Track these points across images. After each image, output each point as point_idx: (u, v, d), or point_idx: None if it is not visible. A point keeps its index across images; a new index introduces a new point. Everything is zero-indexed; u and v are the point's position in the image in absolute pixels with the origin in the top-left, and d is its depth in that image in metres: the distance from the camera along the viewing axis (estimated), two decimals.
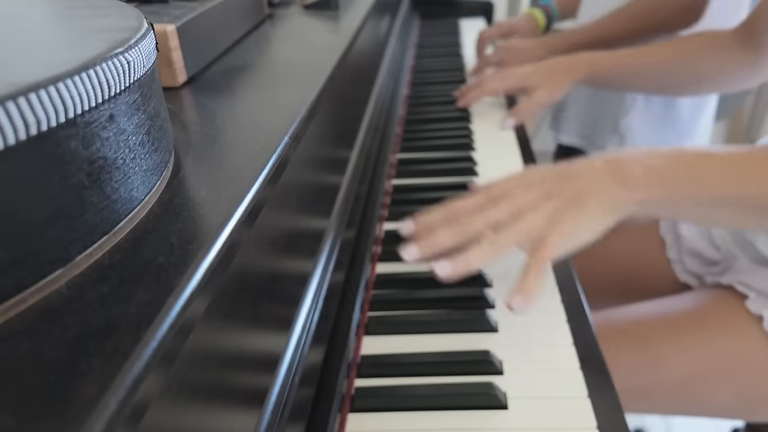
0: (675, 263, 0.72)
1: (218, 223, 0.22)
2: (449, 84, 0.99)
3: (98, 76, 0.18)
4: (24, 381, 0.14)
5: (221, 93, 0.36)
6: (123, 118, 0.20)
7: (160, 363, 0.16)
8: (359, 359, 0.43)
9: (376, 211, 0.57)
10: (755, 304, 0.57)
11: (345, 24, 0.55)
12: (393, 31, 0.96)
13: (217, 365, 0.22)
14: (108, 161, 0.19)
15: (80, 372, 0.15)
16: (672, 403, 0.59)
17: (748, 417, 0.63)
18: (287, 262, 0.33)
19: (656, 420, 1.24)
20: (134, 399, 0.15)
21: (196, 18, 0.39)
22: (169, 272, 0.19)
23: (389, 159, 0.70)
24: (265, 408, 0.27)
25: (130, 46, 0.20)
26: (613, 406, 0.39)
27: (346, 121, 0.53)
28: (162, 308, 0.17)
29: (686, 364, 0.57)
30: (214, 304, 0.21)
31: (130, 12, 0.25)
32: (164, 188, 0.24)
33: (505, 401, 0.39)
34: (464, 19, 1.41)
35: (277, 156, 0.28)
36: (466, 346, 0.44)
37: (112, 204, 0.20)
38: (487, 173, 0.69)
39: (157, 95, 0.24)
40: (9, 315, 0.16)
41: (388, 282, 0.51)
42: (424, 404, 0.39)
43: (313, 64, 0.42)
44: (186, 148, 0.28)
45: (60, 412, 0.14)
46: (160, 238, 0.20)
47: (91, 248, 0.19)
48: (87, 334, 0.16)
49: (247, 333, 0.26)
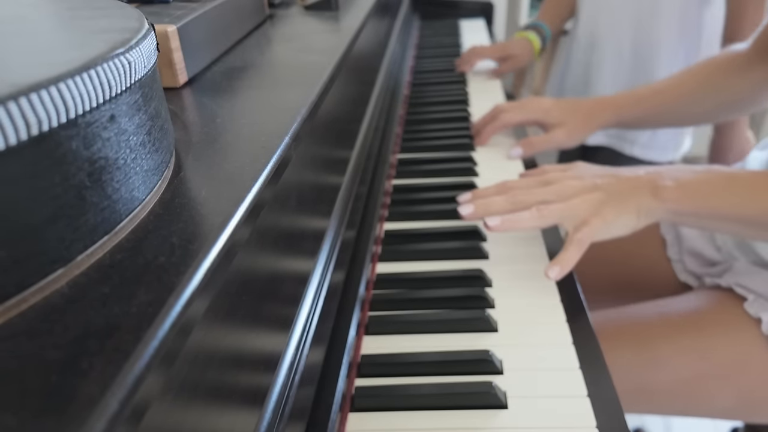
0: (675, 262, 0.72)
1: (219, 223, 0.22)
2: (449, 84, 0.99)
3: (99, 77, 0.18)
4: (25, 380, 0.14)
5: (222, 93, 0.36)
6: (124, 119, 0.20)
7: (161, 363, 0.16)
8: (359, 359, 0.43)
9: (376, 211, 0.57)
10: (754, 307, 0.57)
11: (345, 25, 0.55)
12: (393, 31, 0.96)
13: (217, 365, 0.22)
14: (109, 161, 0.19)
15: (81, 371, 0.15)
16: (671, 404, 0.59)
17: (746, 418, 0.63)
18: (288, 262, 0.33)
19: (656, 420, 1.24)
20: (135, 399, 0.15)
21: (196, 18, 0.39)
22: (170, 272, 0.19)
23: (389, 159, 0.70)
24: (266, 407, 0.27)
25: (131, 47, 0.20)
26: (613, 406, 0.39)
27: (347, 122, 0.53)
28: (163, 308, 0.17)
29: (685, 365, 0.57)
30: (215, 304, 0.21)
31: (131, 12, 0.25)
32: (165, 188, 0.24)
33: (505, 401, 0.39)
34: (464, 20, 1.41)
35: (278, 156, 0.28)
36: (466, 345, 0.44)
37: (113, 204, 0.20)
38: (487, 173, 0.69)
39: (158, 95, 0.24)
40: (10, 314, 0.17)
41: (388, 282, 0.51)
42: (425, 404, 0.40)
43: (313, 64, 0.43)
44: (187, 148, 0.28)
45: (61, 411, 0.14)
46: (161, 238, 0.20)
47: (92, 248, 0.19)
48: (88, 334, 0.16)
49: (248, 333, 0.26)
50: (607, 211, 0.50)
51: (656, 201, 0.50)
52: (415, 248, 0.56)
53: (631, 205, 0.50)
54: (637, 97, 0.74)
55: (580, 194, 0.51)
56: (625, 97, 0.74)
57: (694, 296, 0.64)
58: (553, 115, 0.73)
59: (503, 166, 0.71)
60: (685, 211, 0.51)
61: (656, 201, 0.50)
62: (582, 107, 0.74)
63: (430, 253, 0.55)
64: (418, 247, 0.56)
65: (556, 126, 0.73)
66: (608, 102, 0.74)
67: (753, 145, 1.00)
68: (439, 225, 0.59)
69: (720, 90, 0.70)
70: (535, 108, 0.75)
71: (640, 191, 0.51)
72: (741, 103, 0.71)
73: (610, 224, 0.50)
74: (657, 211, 0.51)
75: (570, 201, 0.51)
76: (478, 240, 0.57)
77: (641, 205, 0.50)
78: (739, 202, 0.50)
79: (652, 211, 0.51)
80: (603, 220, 0.50)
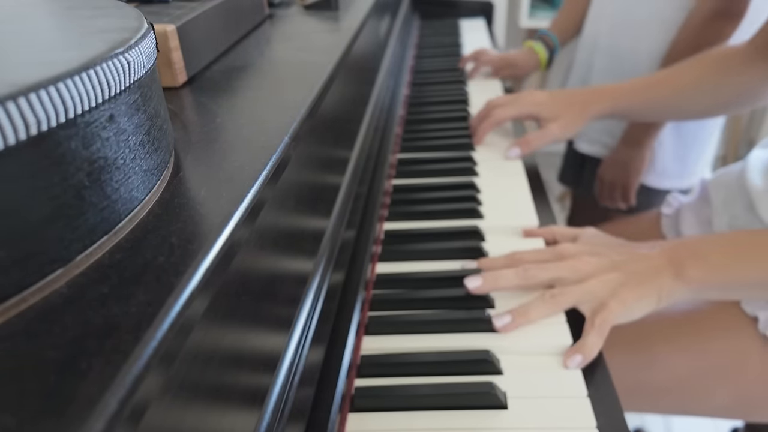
0: None
1: (218, 223, 0.22)
2: (449, 84, 0.99)
3: (98, 77, 0.18)
4: (24, 381, 0.14)
5: (221, 93, 0.36)
6: (123, 118, 0.20)
7: (160, 363, 0.16)
8: (359, 359, 0.43)
9: (376, 211, 0.57)
10: (750, 306, 0.57)
11: (345, 24, 0.55)
12: (393, 31, 0.95)
13: (217, 365, 0.22)
14: (108, 161, 0.19)
15: (80, 372, 0.15)
16: (668, 402, 0.59)
17: (744, 417, 0.63)
18: (287, 262, 0.33)
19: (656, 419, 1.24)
20: (134, 399, 0.15)
21: (196, 18, 0.39)
22: (169, 272, 0.19)
23: (389, 159, 0.70)
24: (266, 408, 0.27)
25: (131, 47, 0.20)
26: (613, 406, 0.39)
27: (346, 121, 0.53)
28: (162, 308, 0.17)
29: (682, 364, 0.57)
30: (214, 304, 0.21)
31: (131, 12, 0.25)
32: (164, 188, 0.24)
33: (505, 401, 0.39)
34: (464, 20, 1.41)
35: (278, 156, 0.28)
36: (466, 345, 0.44)
37: (113, 204, 0.20)
38: (487, 174, 0.69)
39: (158, 95, 0.24)
40: (9, 315, 0.16)
41: (388, 282, 0.51)
42: (425, 404, 0.39)
43: (313, 64, 0.42)
44: (186, 148, 0.28)
45: (60, 411, 0.14)
46: (161, 238, 0.20)
47: (92, 248, 0.19)
48: (87, 334, 0.16)
49: (248, 333, 0.26)
50: (626, 294, 0.46)
51: (680, 283, 0.47)
52: (414, 248, 0.56)
53: (653, 289, 0.47)
54: (633, 87, 0.73)
55: (597, 275, 0.47)
56: (621, 88, 0.73)
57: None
58: (548, 109, 0.72)
59: (503, 166, 0.71)
60: (711, 287, 0.48)
61: (680, 283, 0.47)
62: (576, 98, 0.73)
63: (430, 253, 0.55)
64: (417, 247, 0.56)
65: (550, 120, 0.72)
66: (604, 91, 0.73)
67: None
68: (439, 225, 0.59)
69: (718, 86, 0.70)
70: (529, 102, 0.73)
71: (660, 274, 0.47)
72: (739, 99, 0.71)
73: (629, 308, 0.46)
74: (680, 291, 0.48)
75: (587, 283, 0.47)
76: (478, 240, 0.57)
77: (663, 288, 0.47)
78: (765, 267, 0.47)
79: (674, 291, 0.47)
80: (623, 305, 0.46)
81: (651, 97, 0.72)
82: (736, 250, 0.48)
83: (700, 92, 0.71)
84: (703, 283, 0.47)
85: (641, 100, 0.72)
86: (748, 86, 0.69)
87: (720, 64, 0.70)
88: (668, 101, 0.72)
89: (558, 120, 0.71)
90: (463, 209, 0.61)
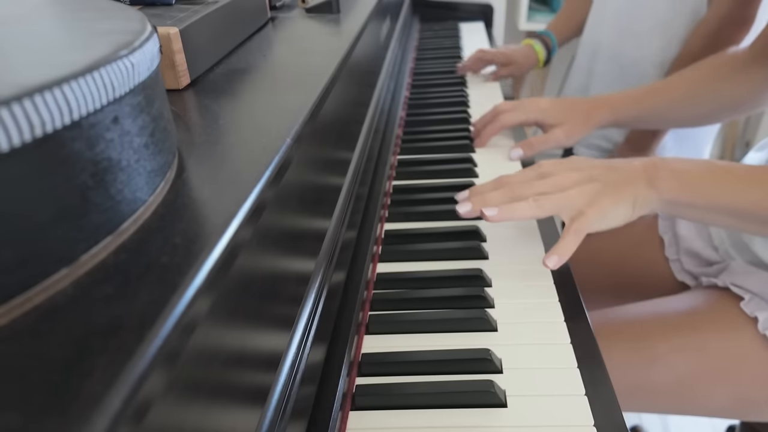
0: (673, 262, 0.72)
1: (221, 223, 0.22)
2: (449, 86, 1.00)
3: (102, 78, 0.18)
4: (29, 379, 0.15)
5: (224, 95, 0.36)
6: (127, 120, 0.20)
7: (164, 362, 0.16)
8: (360, 358, 0.43)
9: (376, 212, 0.58)
10: (750, 306, 0.57)
11: (346, 27, 0.56)
12: (394, 34, 0.96)
13: (219, 364, 0.22)
14: (112, 162, 0.19)
15: (84, 371, 0.15)
16: (667, 402, 0.59)
17: (742, 417, 0.63)
18: (289, 262, 0.33)
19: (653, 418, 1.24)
20: (138, 397, 0.15)
21: (199, 21, 0.39)
22: (172, 272, 0.19)
23: (390, 160, 0.70)
24: (268, 406, 0.27)
25: (134, 49, 0.20)
26: (611, 405, 0.39)
27: (348, 123, 0.53)
28: (166, 308, 0.17)
29: (681, 364, 0.57)
30: (217, 303, 0.21)
31: (134, 15, 0.25)
32: (168, 189, 0.24)
33: (504, 399, 0.39)
34: (464, 23, 1.41)
35: (280, 157, 0.28)
36: (466, 345, 0.44)
37: (117, 205, 0.20)
38: (487, 176, 0.70)
39: (161, 97, 0.24)
40: (14, 314, 0.17)
41: (389, 281, 0.52)
42: (425, 402, 0.40)
43: (315, 66, 0.43)
44: (189, 149, 0.28)
45: (64, 410, 0.14)
46: (164, 238, 0.21)
47: (96, 248, 0.19)
48: (91, 334, 0.16)
49: (250, 332, 0.26)
50: (603, 201, 0.50)
51: (652, 191, 0.50)
52: (415, 248, 0.56)
53: (627, 195, 0.50)
54: (634, 96, 0.74)
55: (576, 185, 0.51)
56: (622, 97, 0.74)
57: (691, 296, 0.64)
58: (551, 115, 0.74)
59: (503, 167, 0.71)
60: (681, 202, 0.50)
61: (652, 191, 0.50)
62: (579, 106, 0.74)
63: (430, 253, 0.55)
64: (418, 247, 0.56)
65: (554, 126, 0.73)
66: (605, 101, 0.74)
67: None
68: (439, 225, 0.60)
69: (718, 92, 0.70)
70: (533, 108, 0.75)
71: (636, 181, 0.51)
72: (739, 105, 0.71)
73: (606, 214, 0.50)
74: (653, 201, 0.51)
75: (566, 192, 0.51)
76: (478, 240, 0.57)
77: (637, 195, 0.50)
78: (735, 194, 0.49)
79: (647, 200, 0.51)
80: (599, 210, 0.50)
81: (653, 106, 0.73)
82: (712, 174, 0.51)
83: (700, 98, 0.71)
84: (674, 195, 0.50)
85: (643, 109, 0.73)
86: (748, 92, 0.69)
87: (720, 70, 0.70)
88: (669, 108, 0.73)
89: (562, 126, 0.73)
90: None
